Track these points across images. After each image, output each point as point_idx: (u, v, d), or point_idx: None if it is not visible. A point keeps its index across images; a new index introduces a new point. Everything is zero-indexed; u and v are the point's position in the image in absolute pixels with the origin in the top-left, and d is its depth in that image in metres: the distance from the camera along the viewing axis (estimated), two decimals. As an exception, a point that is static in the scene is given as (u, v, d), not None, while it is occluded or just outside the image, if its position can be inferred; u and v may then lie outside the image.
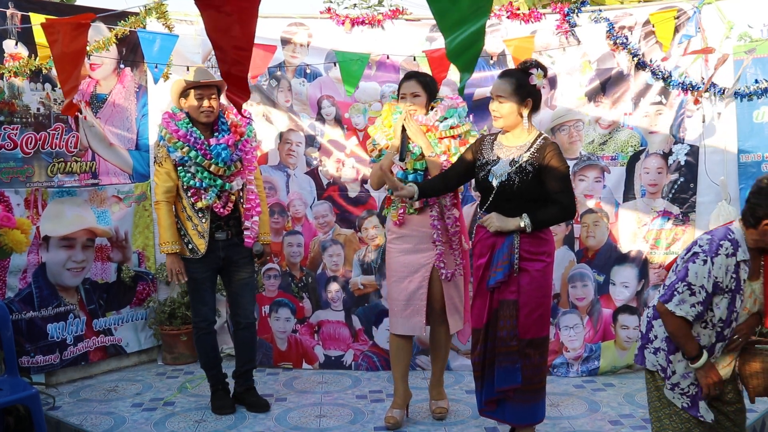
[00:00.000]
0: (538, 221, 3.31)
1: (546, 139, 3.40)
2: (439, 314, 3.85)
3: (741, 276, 2.55)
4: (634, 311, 4.75)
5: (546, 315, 3.42)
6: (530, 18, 4.82)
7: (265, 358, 4.97)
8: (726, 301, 2.56)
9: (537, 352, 3.37)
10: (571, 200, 3.37)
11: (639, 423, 3.90)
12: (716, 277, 2.52)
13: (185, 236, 3.94)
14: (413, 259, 3.80)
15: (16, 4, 4.29)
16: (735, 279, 2.54)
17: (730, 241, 2.55)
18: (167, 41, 4.51)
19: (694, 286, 2.53)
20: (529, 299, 3.33)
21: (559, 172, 3.32)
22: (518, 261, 3.32)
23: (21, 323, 4.34)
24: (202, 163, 3.83)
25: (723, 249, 2.53)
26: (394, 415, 3.85)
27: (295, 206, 4.98)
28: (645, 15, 4.68)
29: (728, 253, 2.53)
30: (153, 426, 3.93)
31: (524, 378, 3.34)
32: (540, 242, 3.36)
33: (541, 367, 3.40)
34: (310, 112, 4.98)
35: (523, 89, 3.37)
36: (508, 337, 3.35)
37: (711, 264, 2.52)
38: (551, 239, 3.44)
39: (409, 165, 3.76)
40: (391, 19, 4.95)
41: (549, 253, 3.39)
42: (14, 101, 4.33)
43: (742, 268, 2.55)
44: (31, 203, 4.40)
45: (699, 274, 2.53)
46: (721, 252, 2.53)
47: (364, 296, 4.96)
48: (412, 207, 3.78)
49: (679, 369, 2.65)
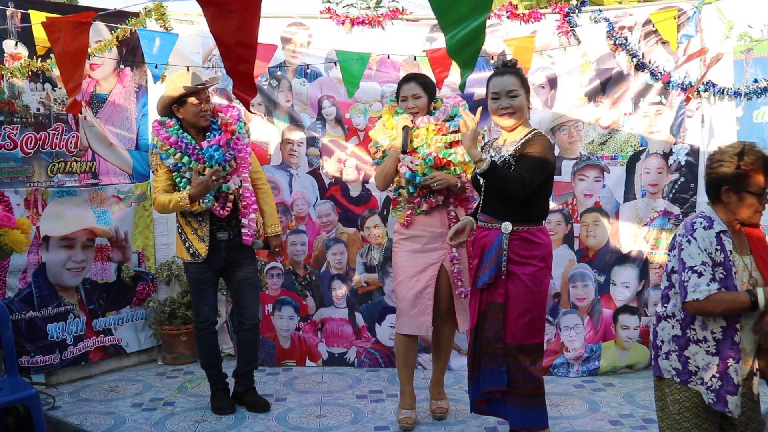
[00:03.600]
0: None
1: (538, 134, 3.35)
2: (445, 313, 3.85)
3: (726, 247, 2.54)
4: (634, 311, 4.75)
5: (537, 321, 3.32)
6: (530, 18, 4.82)
7: (268, 357, 4.99)
8: (719, 274, 2.52)
9: (528, 359, 3.31)
10: (529, 179, 3.16)
11: (639, 423, 3.90)
12: (706, 249, 2.53)
13: (186, 240, 3.94)
14: (421, 259, 3.80)
15: (16, 3, 4.29)
16: (721, 250, 2.54)
17: (703, 218, 2.59)
18: (167, 41, 4.51)
19: (696, 267, 2.51)
20: (517, 304, 3.29)
21: (533, 157, 3.22)
22: (506, 263, 3.28)
23: (21, 323, 4.34)
24: (197, 168, 3.80)
25: (698, 224, 2.57)
26: (410, 416, 3.85)
27: (298, 205, 5.01)
28: (645, 15, 4.69)
29: (704, 226, 2.55)
30: (153, 426, 3.93)
31: (513, 382, 3.32)
32: (531, 246, 3.29)
33: (533, 373, 3.31)
34: (311, 112, 4.99)
35: (526, 83, 3.41)
36: (494, 339, 3.34)
37: (694, 240, 2.54)
38: (546, 243, 3.34)
39: (420, 168, 3.71)
40: (391, 19, 4.96)
41: (542, 257, 3.30)
42: (14, 101, 4.33)
43: (724, 239, 2.55)
44: (31, 203, 4.40)
45: (692, 253, 2.53)
46: (697, 227, 2.56)
47: (368, 294, 5.00)
48: (419, 208, 3.79)
49: (700, 362, 2.56)
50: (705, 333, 2.55)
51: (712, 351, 2.54)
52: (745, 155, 2.53)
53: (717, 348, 2.53)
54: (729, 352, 2.52)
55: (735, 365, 2.51)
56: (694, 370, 2.58)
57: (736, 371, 2.51)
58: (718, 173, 2.58)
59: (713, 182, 2.59)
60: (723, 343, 2.53)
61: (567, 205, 4.79)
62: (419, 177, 3.72)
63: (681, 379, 2.61)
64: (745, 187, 2.52)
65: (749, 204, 2.53)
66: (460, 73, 1.64)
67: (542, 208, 3.39)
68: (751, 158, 2.52)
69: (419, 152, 3.72)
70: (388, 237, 4.90)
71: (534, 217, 3.34)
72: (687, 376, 2.60)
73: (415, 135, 3.76)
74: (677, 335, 2.62)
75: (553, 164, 3.34)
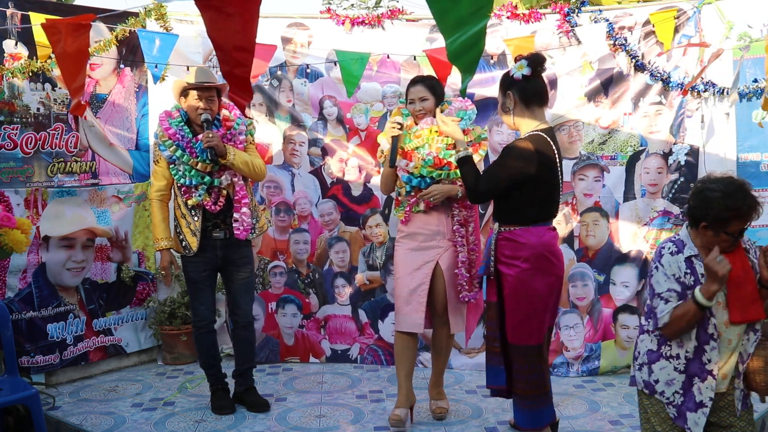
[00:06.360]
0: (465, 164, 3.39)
1: (516, 140, 3.31)
2: (441, 315, 3.86)
3: (697, 270, 2.55)
4: (634, 311, 4.76)
5: (528, 324, 3.30)
6: (530, 18, 4.82)
7: (272, 354, 5.03)
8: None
9: (522, 359, 3.32)
10: (481, 186, 3.32)
11: (639, 423, 3.89)
12: (674, 274, 2.56)
13: (180, 233, 3.99)
14: (417, 256, 3.81)
15: (16, 3, 4.29)
16: (691, 274, 2.55)
17: (673, 242, 2.61)
18: (167, 41, 4.51)
19: (662, 294, 2.57)
20: (507, 304, 3.35)
21: (488, 167, 3.46)
22: (494, 263, 3.37)
23: (21, 323, 4.34)
24: (189, 161, 3.84)
25: (666, 250, 2.60)
26: (399, 414, 3.79)
27: (300, 205, 5.03)
28: (645, 15, 4.68)
29: (672, 252, 2.58)
30: (153, 426, 3.93)
31: (512, 381, 3.37)
32: (515, 246, 3.30)
33: (528, 374, 3.32)
34: (312, 112, 5.00)
35: (503, 83, 3.42)
36: (491, 337, 3.44)
37: (661, 266, 2.58)
38: (532, 244, 3.28)
39: (416, 170, 3.73)
40: (391, 19, 4.95)
41: (525, 258, 3.27)
42: (14, 101, 4.33)
43: (695, 263, 2.56)
44: (31, 203, 4.40)
45: (659, 281, 2.58)
46: (664, 253, 2.59)
47: (370, 291, 5.04)
48: (418, 206, 3.80)
49: (662, 377, 2.62)
50: (679, 350, 2.60)
51: (680, 368, 2.60)
52: (733, 200, 2.47)
53: (685, 366, 2.59)
54: (696, 371, 2.57)
55: (699, 384, 2.57)
56: (656, 384, 2.64)
57: (700, 390, 2.57)
58: (701, 208, 2.52)
59: (694, 215, 2.56)
60: (693, 362, 2.58)
61: (567, 205, 4.80)
62: (416, 180, 3.74)
63: (648, 390, 2.68)
64: (724, 228, 2.50)
65: (723, 240, 2.52)
66: (461, 78, 1.64)
67: (532, 210, 3.33)
68: (738, 204, 2.46)
69: (419, 152, 3.73)
70: (390, 236, 4.92)
71: (522, 218, 3.32)
72: (652, 389, 2.66)
73: (417, 135, 3.78)
74: (652, 350, 2.67)
75: (518, 171, 3.23)
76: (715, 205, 2.47)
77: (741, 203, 2.46)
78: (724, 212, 2.46)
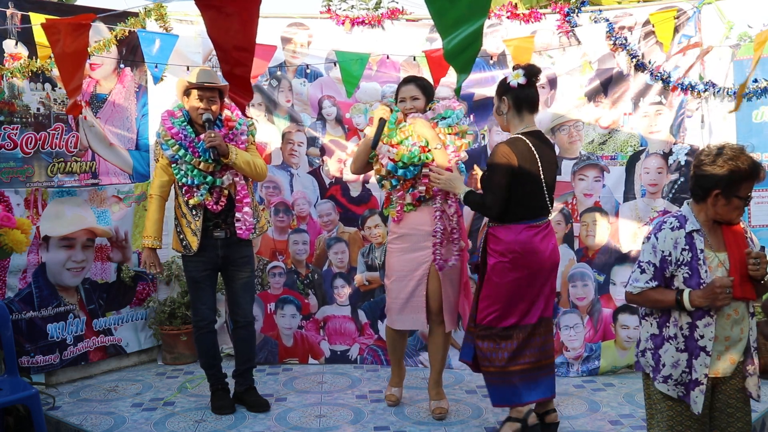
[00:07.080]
0: (468, 201, 3.61)
1: (498, 144, 3.51)
2: (437, 314, 3.91)
3: (696, 245, 2.58)
4: (634, 311, 4.75)
5: (497, 308, 3.52)
6: (530, 18, 4.82)
7: (271, 355, 5.02)
8: (684, 274, 2.58)
9: (487, 341, 3.55)
10: (487, 200, 3.51)
11: (639, 423, 3.90)
12: (663, 251, 2.60)
13: (180, 233, 3.99)
14: (412, 258, 3.88)
15: (16, 3, 4.30)
16: (689, 250, 2.58)
17: (675, 217, 2.64)
18: (167, 41, 4.52)
19: (642, 263, 2.65)
20: (483, 288, 3.61)
21: (484, 174, 3.61)
22: (482, 254, 3.66)
23: (21, 323, 4.34)
24: (191, 161, 3.85)
25: (667, 224, 2.63)
26: (394, 393, 4.18)
27: (299, 205, 5.03)
28: (645, 15, 4.69)
29: (673, 227, 2.61)
30: (153, 426, 3.93)
31: (477, 358, 3.64)
32: (495, 241, 3.57)
33: (487, 353, 3.54)
34: (311, 112, 5.00)
35: (500, 88, 3.61)
36: (470, 318, 3.75)
37: (655, 239, 2.62)
38: (507, 240, 3.50)
39: (398, 156, 3.80)
40: (391, 19, 4.96)
41: (502, 252, 3.51)
42: (14, 101, 4.33)
43: (696, 238, 2.59)
44: (31, 203, 4.40)
45: (645, 251, 2.66)
46: (664, 227, 2.62)
47: (369, 291, 5.04)
48: (410, 204, 3.83)
49: (668, 360, 2.64)
50: (675, 330, 2.63)
51: (681, 347, 2.63)
52: (740, 160, 2.54)
53: (685, 344, 2.62)
54: (691, 347, 2.61)
55: (693, 361, 2.60)
56: (661, 368, 2.66)
57: (694, 368, 2.60)
58: (711, 176, 2.57)
59: (703, 183, 2.59)
60: (689, 339, 2.61)
61: (567, 205, 4.80)
62: (401, 170, 3.80)
63: (654, 375, 2.70)
64: (736, 192, 2.55)
65: (735, 206, 2.57)
66: (456, 78, 1.64)
67: (518, 209, 3.50)
68: (746, 164, 2.54)
69: (404, 144, 3.82)
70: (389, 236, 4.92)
71: (507, 217, 3.51)
72: (658, 373, 2.68)
73: (404, 130, 3.86)
74: (654, 334, 2.71)
75: (505, 165, 3.43)
76: (726, 167, 2.53)
77: (748, 160, 2.54)
78: (735, 173, 2.52)
